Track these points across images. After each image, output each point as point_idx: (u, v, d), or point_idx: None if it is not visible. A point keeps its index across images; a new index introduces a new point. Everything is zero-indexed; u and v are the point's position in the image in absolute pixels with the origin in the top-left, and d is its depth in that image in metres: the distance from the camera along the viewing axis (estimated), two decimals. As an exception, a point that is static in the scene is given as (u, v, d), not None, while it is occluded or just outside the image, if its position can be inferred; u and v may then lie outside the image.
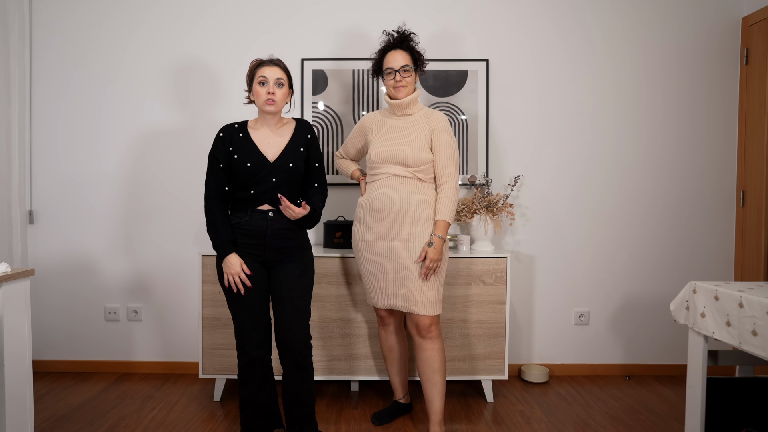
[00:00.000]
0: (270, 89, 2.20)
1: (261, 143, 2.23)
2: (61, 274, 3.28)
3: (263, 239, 2.19)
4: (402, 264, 2.38)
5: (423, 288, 2.36)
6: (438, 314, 2.40)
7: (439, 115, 2.48)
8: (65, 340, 3.31)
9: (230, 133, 2.24)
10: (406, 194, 2.39)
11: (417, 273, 2.36)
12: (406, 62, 2.44)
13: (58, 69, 3.24)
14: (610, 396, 2.99)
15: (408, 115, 2.49)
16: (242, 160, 2.18)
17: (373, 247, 2.43)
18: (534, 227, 3.28)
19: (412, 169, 2.40)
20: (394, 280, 2.40)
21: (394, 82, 2.44)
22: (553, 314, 3.31)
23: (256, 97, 2.23)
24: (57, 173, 3.26)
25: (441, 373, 2.42)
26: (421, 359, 2.43)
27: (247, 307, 2.21)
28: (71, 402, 2.86)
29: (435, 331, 2.40)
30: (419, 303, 2.36)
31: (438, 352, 2.41)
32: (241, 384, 2.26)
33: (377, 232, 2.42)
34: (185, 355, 3.31)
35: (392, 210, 2.39)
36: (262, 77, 2.20)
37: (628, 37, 3.24)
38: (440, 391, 2.43)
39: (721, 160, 3.28)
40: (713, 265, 3.29)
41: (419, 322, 2.38)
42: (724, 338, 2.02)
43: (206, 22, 3.22)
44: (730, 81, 3.25)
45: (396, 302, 2.41)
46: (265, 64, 2.23)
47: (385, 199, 2.40)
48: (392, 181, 2.41)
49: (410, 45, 2.48)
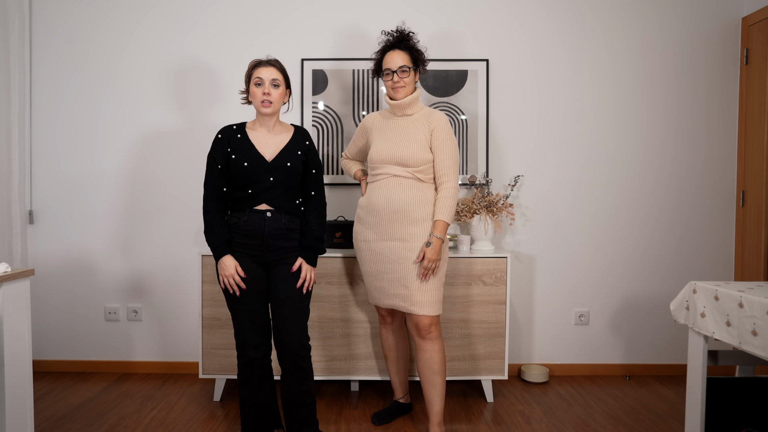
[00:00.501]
0: (266, 90, 2.19)
1: (259, 143, 2.23)
2: (60, 274, 3.28)
3: (261, 239, 2.19)
4: (401, 264, 2.38)
5: (422, 288, 2.36)
6: (438, 314, 2.39)
7: (439, 114, 2.48)
8: (65, 340, 3.31)
9: (228, 134, 2.24)
10: (406, 194, 2.39)
11: (416, 273, 2.36)
12: (404, 63, 2.43)
13: (58, 69, 3.24)
14: (610, 396, 2.99)
15: (408, 115, 2.49)
16: (240, 159, 2.18)
17: (373, 247, 2.43)
18: (534, 227, 3.28)
19: (412, 169, 2.40)
20: (394, 280, 2.40)
21: (392, 83, 2.44)
22: (553, 314, 3.31)
23: (253, 98, 2.23)
24: (57, 173, 3.26)
25: (441, 375, 2.42)
26: (420, 360, 2.43)
27: (246, 307, 2.21)
28: (71, 402, 2.86)
29: (435, 332, 2.40)
30: (419, 303, 2.36)
31: (438, 353, 2.41)
32: (241, 384, 2.26)
33: (377, 232, 2.43)
34: (185, 355, 3.31)
35: (391, 210, 2.39)
36: (258, 78, 2.19)
37: (629, 37, 3.24)
38: (440, 392, 2.43)
39: (721, 160, 3.28)
40: (713, 265, 3.29)
41: (419, 322, 2.38)
42: (724, 338, 2.02)
43: (206, 22, 3.22)
44: (730, 81, 3.25)
45: (396, 302, 2.41)
46: (262, 65, 2.22)
47: (384, 199, 2.41)
48: (392, 182, 2.41)
49: (409, 45, 2.47)
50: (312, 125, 3.23)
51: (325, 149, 3.24)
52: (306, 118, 3.23)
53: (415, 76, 2.49)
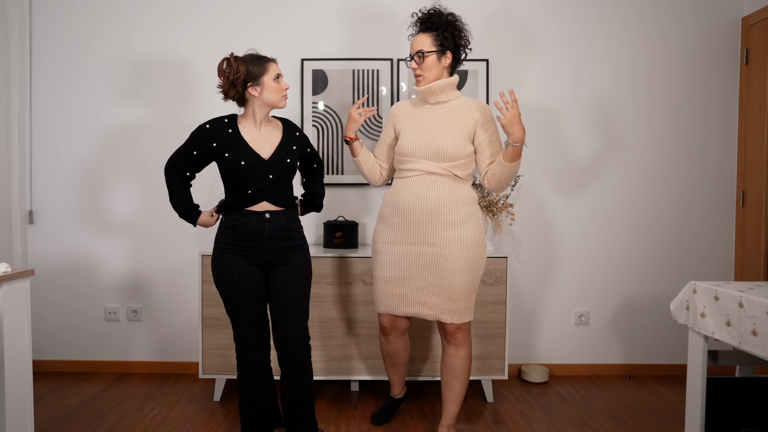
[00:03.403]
0: (285, 84, 2.20)
1: (253, 141, 2.18)
2: (60, 274, 3.28)
3: (261, 241, 2.16)
4: (432, 271, 2.21)
5: (455, 297, 2.21)
6: (468, 321, 2.28)
7: (482, 104, 2.26)
8: (65, 340, 3.31)
9: (218, 127, 2.18)
10: (441, 194, 2.18)
11: (448, 281, 2.21)
12: (421, 47, 2.19)
13: (58, 69, 3.24)
14: (610, 396, 2.99)
15: (442, 102, 2.25)
16: (235, 158, 2.14)
17: (398, 251, 2.25)
18: (534, 227, 3.28)
19: (449, 164, 2.18)
20: (421, 288, 2.23)
21: (413, 69, 2.22)
22: (553, 314, 3.31)
23: (269, 93, 2.16)
24: (57, 173, 3.26)
25: (460, 381, 2.31)
26: (443, 363, 2.35)
27: (246, 310, 2.19)
28: (71, 402, 2.86)
29: (461, 338, 2.28)
30: (449, 312, 2.22)
31: (461, 360, 2.29)
32: (241, 386, 2.26)
33: (404, 234, 2.24)
34: (185, 355, 3.31)
35: (424, 212, 2.18)
36: (278, 74, 2.17)
37: (628, 37, 3.24)
38: (456, 397, 2.34)
39: (721, 159, 3.28)
40: (713, 265, 3.29)
41: (446, 328, 2.29)
42: (724, 338, 2.02)
43: (205, 20, 3.22)
44: (730, 81, 3.25)
45: (421, 311, 2.27)
46: (270, 60, 2.19)
47: (416, 198, 2.19)
48: (425, 180, 2.19)
49: (435, 25, 2.19)
50: (312, 125, 3.23)
51: (325, 149, 3.24)
52: (306, 118, 3.23)
53: (443, 60, 2.22)
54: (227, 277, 2.17)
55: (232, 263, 2.17)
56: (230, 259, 2.17)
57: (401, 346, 2.50)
